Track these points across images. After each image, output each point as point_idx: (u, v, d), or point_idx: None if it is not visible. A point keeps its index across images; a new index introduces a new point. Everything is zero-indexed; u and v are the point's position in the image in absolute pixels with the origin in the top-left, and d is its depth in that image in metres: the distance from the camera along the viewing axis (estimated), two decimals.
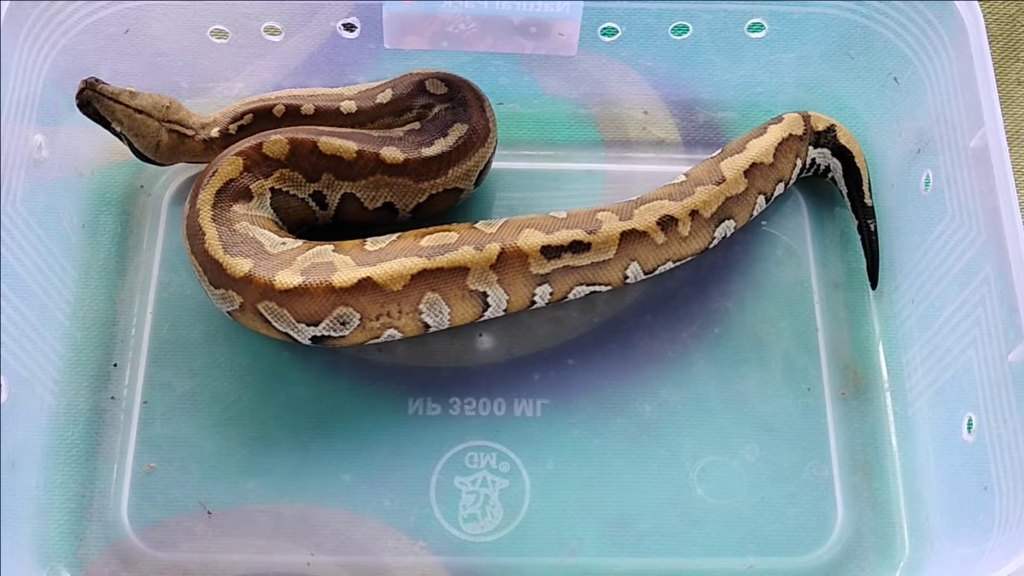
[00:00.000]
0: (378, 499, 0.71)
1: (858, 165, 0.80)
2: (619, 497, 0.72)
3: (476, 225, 0.74)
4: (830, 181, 0.82)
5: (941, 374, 0.71)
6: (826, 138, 0.81)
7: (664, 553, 0.71)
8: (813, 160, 0.81)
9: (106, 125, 0.75)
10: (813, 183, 0.83)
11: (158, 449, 0.72)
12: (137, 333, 0.76)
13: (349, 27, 0.79)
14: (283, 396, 0.74)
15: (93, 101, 0.74)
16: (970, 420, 0.68)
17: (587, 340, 0.76)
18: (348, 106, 0.78)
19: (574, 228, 0.73)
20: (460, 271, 0.71)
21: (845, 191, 0.81)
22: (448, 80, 0.79)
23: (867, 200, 0.79)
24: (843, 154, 0.80)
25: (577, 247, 0.73)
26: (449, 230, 0.74)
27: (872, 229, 0.79)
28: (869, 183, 0.80)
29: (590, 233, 0.73)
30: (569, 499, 0.72)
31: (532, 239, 0.72)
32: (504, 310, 0.74)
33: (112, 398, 0.74)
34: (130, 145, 0.76)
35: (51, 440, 0.72)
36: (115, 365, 0.75)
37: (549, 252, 0.73)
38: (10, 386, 0.66)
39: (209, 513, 0.70)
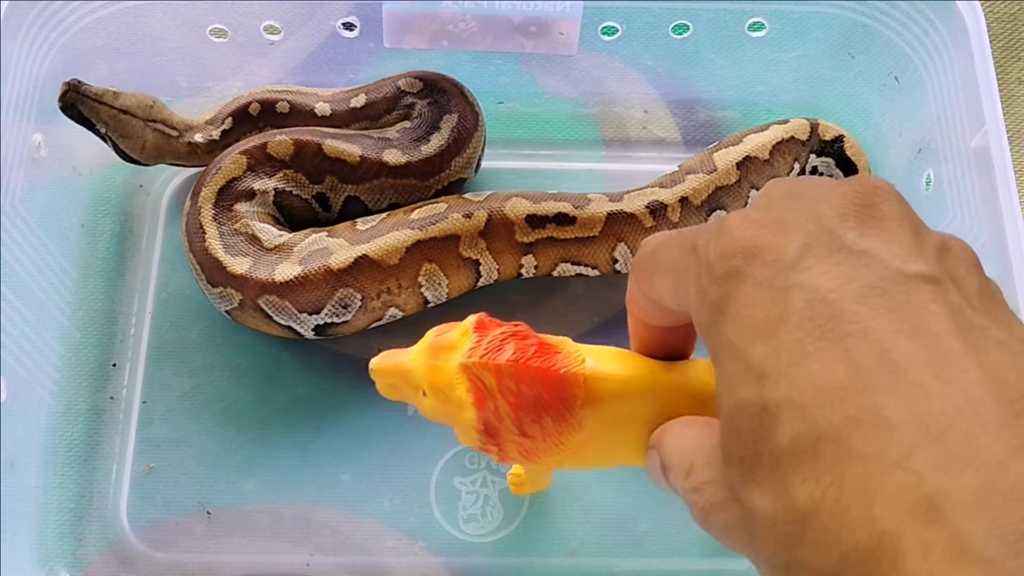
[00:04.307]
0: (378, 499, 0.71)
1: None
2: (619, 497, 0.71)
3: (465, 195, 0.75)
4: None
5: None
6: (832, 148, 0.80)
7: (664, 553, 0.71)
8: (815, 168, 0.80)
9: (91, 127, 0.74)
10: None
11: (157, 449, 0.72)
12: (136, 333, 0.75)
13: (348, 26, 0.79)
14: (283, 396, 0.74)
15: (77, 103, 0.73)
16: None
17: (587, 340, 0.75)
18: (322, 108, 0.78)
19: (562, 201, 0.74)
20: (452, 239, 0.72)
21: None
22: (422, 76, 0.79)
23: None
24: (848, 167, 0.79)
25: (562, 219, 0.74)
26: (438, 202, 0.74)
27: None
28: None
29: (577, 208, 0.74)
30: (569, 499, 0.71)
31: (519, 207, 0.73)
32: (495, 280, 0.75)
33: (111, 398, 0.73)
34: (115, 147, 0.76)
35: (50, 440, 0.71)
36: (114, 365, 0.74)
37: (534, 221, 0.73)
38: (9, 386, 0.66)
39: (208, 513, 0.70)
